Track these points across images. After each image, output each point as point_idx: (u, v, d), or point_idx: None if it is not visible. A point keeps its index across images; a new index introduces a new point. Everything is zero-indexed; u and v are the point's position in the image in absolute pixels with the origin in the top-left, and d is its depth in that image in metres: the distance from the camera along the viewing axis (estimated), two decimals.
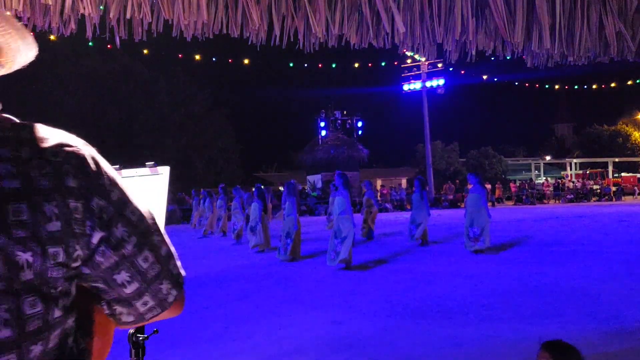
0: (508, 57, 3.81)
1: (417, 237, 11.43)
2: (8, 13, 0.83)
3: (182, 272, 0.90)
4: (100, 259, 0.78)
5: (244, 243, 13.27)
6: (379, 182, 36.61)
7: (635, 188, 33.10)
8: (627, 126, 48.68)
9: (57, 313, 0.73)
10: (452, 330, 4.96)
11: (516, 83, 41.37)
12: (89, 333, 0.84)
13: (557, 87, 41.22)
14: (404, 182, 36.58)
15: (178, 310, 0.90)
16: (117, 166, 1.68)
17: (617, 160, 43.39)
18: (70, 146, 0.79)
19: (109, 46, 19.71)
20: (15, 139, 0.75)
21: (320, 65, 33.16)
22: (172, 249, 0.89)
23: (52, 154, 0.75)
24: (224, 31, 3.17)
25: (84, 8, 2.88)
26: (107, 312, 0.85)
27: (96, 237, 0.77)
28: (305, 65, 32.92)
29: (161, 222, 1.57)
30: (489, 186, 29.44)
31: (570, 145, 54.55)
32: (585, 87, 41.07)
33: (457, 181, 33.37)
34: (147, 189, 1.66)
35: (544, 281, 7.08)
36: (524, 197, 31.03)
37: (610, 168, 41.31)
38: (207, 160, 35.59)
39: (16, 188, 0.71)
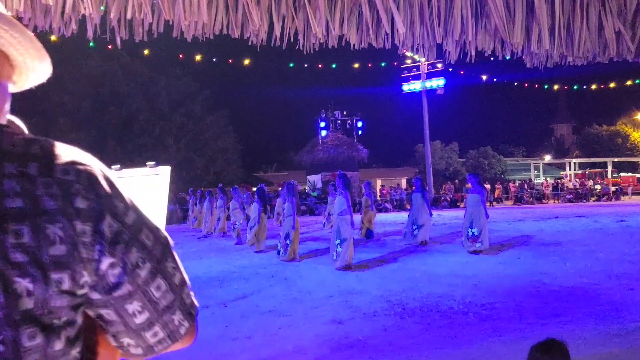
0: (507, 58, 3.81)
1: (420, 240, 11.28)
2: (31, 34, 0.80)
3: (195, 303, 0.85)
4: (113, 286, 0.72)
5: (244, 242, 13.28)
6: (378, 182, 36.61)
7: (629, 188, 32.94)
8: (626, 126, 48.71)
9: (59, 345, 0.67)
10: (452, 330, 4.96)
11: (516, 83, 41.36)
12: None
13: (556, 87, 41.23)
14: (403, 182, 36.58)
15: (189, 341, 0.84)
16: (118, 166, 1.69)
17: (616, 160, 43.41)
18: (83, 165, 0.73)
19: (109, 46, 19.71)
20: (23, 154, 0.69)
21: (320, 65, 33.16)
22: (186, 276, 0.84)
23: (62, 172, 0.70)
24: (225, 32, 3.18)
25: (85, 8, 2.88)
26: (114, 344, 0.78)
27: (105, 263, 0.71)
28: (305, 65, 32.92)
29: (162, 222, 1.57)
30: (488, 186, 29.46)
31: (569, 146, 54.58)
32: (585, 87, 41.07)
33: (457, 181, 33.40)
34: (148, 189, 1.67)
35: (543, 281, 7.08)
36: (523, 197, 31.04)
37: (610, 168, 41.32)
38: (207, 160, 35.57)
39: (19, 208, 0.65)
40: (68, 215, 0.68)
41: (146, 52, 28.42)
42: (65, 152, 0.74)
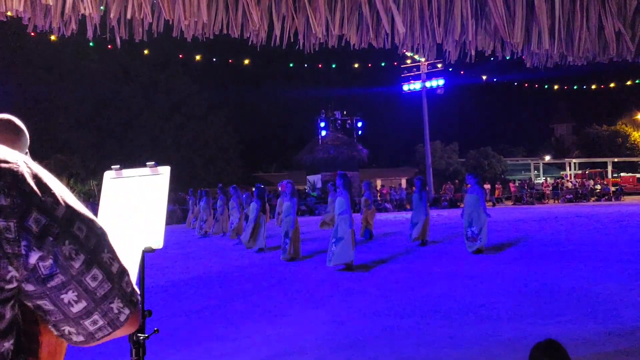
0: (507, 58, 3.81)
1: (414, 236, 11.41)
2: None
3: (136, 290, 0.87)
4: (46, 277, 0.74)
5: (244, 241, 13.29)
6: (378, 182, 36.62)
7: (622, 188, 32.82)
8: (626, 126, 48.71)
9: None
10: (452, 330, 4.96)
11: (515, 83, 41.40)
12: (35, 355, 0.81)
13: (556, 87, 41.22)
14: (403, 182, 36.59)
15: (132, 327, 0.86)
16: (118, 166, 1.69)
17: (616, 160, 43.43)
18: (7, 162, 0.74)
19: (109, 46, 19.70)
20: None
21: (320, 65, 33.17)
22: (125, 265, 0.85)
23: None
24: (225, 31, 3.18)
25: (85, 8, 2.88)
26: (56, 332, 0.81)
27: (33, 257, 0.72)
28: (305, 65, 32.94)
29: (162, 222, 1.57)
30: (488, 186, 29.48)
31: (569, 145, 54.53)
32: (585, 87, 41.10)
33: (457, 181, 33.39)
34: (148, 188, 1.67)
35: (543, 281, 7.08)
36: (523, 197, 31.04)
37: (610, 168, 41.33)
38: (207, 160, 35.58)
39: None
40: None
41: (146, 52, 28.42)
42: None
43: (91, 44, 21.52)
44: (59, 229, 0.75)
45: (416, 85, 33.62)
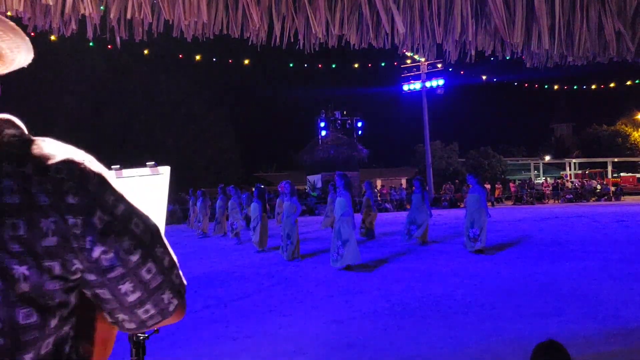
0: (507, 58, 3.81)
1: (417, 236, 11.48)
2: (16, 27, 0.86)
3: (184, 282, 0.94)
4: (106, 268, 0.80)
5: (244, 242, 13.29)
6: (379, 182, 36.60)
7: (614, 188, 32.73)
8: (626, 126, 48.68)
9: (53, 323, 0.76)
10: (452, 330, 4.96)
11: (515, 83, 41.36)
12: (90, 339, 0.87)
13: (556, 87, 41.19)
14: (404, 182, 36.57)
15: (179, 317, 0.93)
16: (118, 166, 1.69)
17: (616, 160, 43.40)
18: (75, 163, 0.80)
19: (109, 46, 19.71)
20: (20, 155, 0.76)
21: (320, 65, 33.17)
22: (175, 258, 0.92)
23: (55, 170, 0.77)
24: (224, 32, 3.18)
25: (85, 8, 2.88)
26: (110, 320, 0.87)
27: (97, 251, 0.79)
28: (305, 65, 32.92)
29: (162, 222, 1.57)
30: (488, 186, 29.45)
31: (569, 145, 54.51)
32: (585, 87, 41.06)
33: (457, 181, 33.36)
34: (148, 188, 1.67)
35: (543, 281, 7.09)
36: (523, 197, 31.03)
37: (610, 168, 41.32)
38: (207, 160, 35.59)
39: (16, 204, 0.72)
40: (60, 210, 0.75)
41: (146, 52, 28.42)
42: (60, 151, 0.80)
43: (91, 44, 21.50)
44: (120, 226, 0.81)
45: (416, 85, 33.60)
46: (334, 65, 33.63)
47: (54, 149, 0.80)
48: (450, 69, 32.18)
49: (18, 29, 0.86)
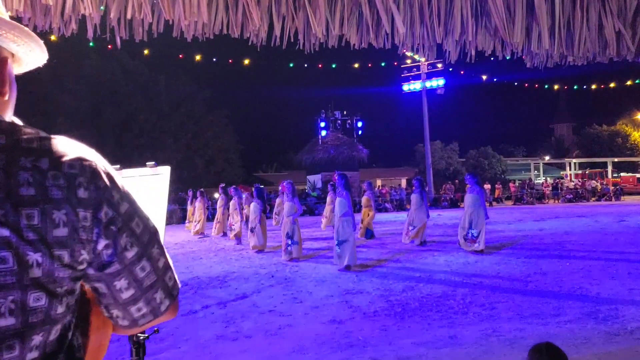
0: (508, 58, 3.81)
1: (411, 236, 11.43)
2: (33, 34, 0.93)
3: (178, 284, 0.99)
4: (105, 263, 0.85)
5: (244, 243, 13.29)
6: (378, 182, 36.62)
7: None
8: (626, 126, 48.70)
9: (60, 309, 0.80)
10: (452, 330, 4.96)
11: (516, 83, 41.40)
12: (85, 333, 0.92)
13: (556, 87, 41.24)
14: (403, 182, 36.59)
15: (171, 315, 0.98)
16: (118, 166, 1.69)
17: (616, 160, 43.42)
18: (87, 160, 0.85)
19: (109, 46, 19.71)
20: (37, 150, 0.81)
21: (320, 65, 33.17)
22: (170, 261, 0.97)
23: (68, 166, 0.82)
24: (225, 31, 3.18)
25: (85, 8, 2.88)
26: (106, 314, 0.92)
27: (101, 244, 0.84)
28: (305, 65, 32.92)
29: (162, 222, 1.57)
30: (488, 186, 29.46)
31: (569, 145, 54.55)
32: (585, 87, 41.09)
33: (457, 181, 33.37)
34: (148, 188, 1.67)
35: (543, 281, 7.09)
36: (523, 197, 31.03)
37: (610, 168, 41.32)
38: (207, 160, 35.55)
39: (31, 195, 0.77)
40: (72, 203, 0.81)
41: (146, 52, 28.41)
42: (73, 148, 0.86)
43: (91, 44, 21.51)
44: (122, 223, 0.86)
45: (416, 85, 33.61)
46: (334, 65, 33.64)
47: (68, 147, 0.85)
48: (450, 69, 32.19)
49: (32, 33, 0.92)
